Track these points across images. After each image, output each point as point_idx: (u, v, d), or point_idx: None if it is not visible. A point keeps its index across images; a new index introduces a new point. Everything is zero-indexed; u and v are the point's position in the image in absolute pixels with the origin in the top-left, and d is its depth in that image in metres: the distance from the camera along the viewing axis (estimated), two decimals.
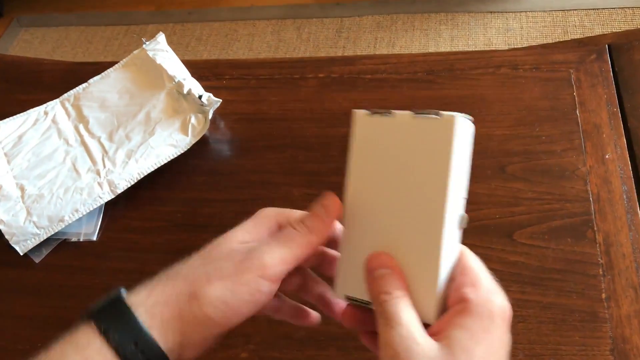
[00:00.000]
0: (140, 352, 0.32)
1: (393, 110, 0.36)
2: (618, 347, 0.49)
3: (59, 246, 0.65)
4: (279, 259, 0.34)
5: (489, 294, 0.32)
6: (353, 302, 0.36)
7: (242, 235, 0.36)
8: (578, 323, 0.51)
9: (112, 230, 0.65)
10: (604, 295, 0.52)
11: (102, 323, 0.32)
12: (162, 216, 0.65)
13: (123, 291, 0.35)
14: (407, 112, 0.36)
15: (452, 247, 0.34)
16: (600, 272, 0.53)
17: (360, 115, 0.37)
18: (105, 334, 0.32)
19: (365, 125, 0.37)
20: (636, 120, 0.62)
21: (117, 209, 0.66)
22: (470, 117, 0.34)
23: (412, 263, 0.34)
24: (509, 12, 1.75)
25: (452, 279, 0.34)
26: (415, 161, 0.34)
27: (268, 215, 0.38)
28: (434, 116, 0.34)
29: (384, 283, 0.33)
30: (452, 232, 0.34)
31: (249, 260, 0.34)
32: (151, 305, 0.34)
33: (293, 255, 0.35)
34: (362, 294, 0.35)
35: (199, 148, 0.69)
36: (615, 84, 0.65)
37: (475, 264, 0.34)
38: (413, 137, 0.35)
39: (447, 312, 0.32)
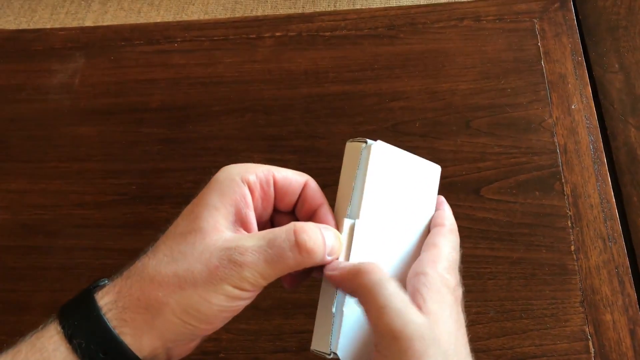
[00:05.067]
0: None
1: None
2: (588, 298, 0.49)
3: (7, 225, 0.61)
4: (259, 275, 0.31)
5: (444, 272, 0.34)
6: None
7: (211, 217, 0.32)
8: (548, 277, 0.50)
9: (63, 207, 0.61)
10: (572, 247, 0.51)
11: (69, 328, 0.29)
12: (115, 189, 0.62)
13: (97, 286, 0.31)
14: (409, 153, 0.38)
15: None
16: (569, 224, 0.52)
17: (379, 148, 0.36)
18: (70, 341, 0.28)
19: (381, 157, 0.36)
20: (601, 69, 0.60)
21: (67, 183, 0.63)
22: None
23: None
24: None
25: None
26: (411, 197, 0.38)
27: (232, 179, 0.33)
28: (431, 162, 0.39)
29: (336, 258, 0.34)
30: None
31: (226, 269, 0.31)
32: (120, 310, 0.30)
33: (277, 273, 0.32)
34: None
35: (152, 116, 0.65)
36: (579, 32, 0.63)
37: (442, 243, 0.35)
38: (413, 174, 0.38)
39: (409, 285, 0.34)
